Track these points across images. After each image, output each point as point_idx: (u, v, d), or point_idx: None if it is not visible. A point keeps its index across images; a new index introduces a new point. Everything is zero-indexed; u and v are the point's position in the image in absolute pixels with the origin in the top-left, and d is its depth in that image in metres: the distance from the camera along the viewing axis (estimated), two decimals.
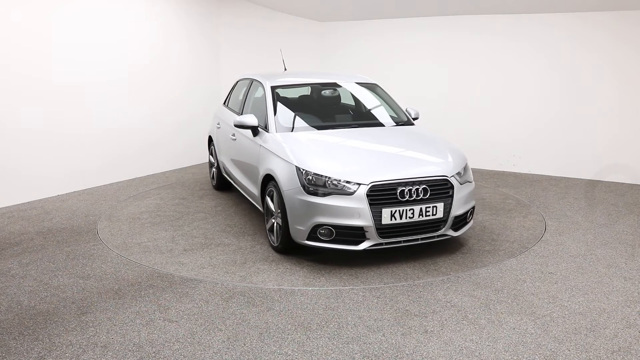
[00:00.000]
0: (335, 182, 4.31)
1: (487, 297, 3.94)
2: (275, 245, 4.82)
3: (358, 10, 9.34)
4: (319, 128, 5.35)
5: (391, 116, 5.82)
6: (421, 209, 4.36)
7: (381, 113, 5.91)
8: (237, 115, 6.07)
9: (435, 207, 4.42)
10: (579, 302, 3.86)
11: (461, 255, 4.78)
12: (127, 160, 7.85)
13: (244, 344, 3.27)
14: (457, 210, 4.56)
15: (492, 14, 8.50)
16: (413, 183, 4.36)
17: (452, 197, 4.50)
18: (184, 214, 6.19)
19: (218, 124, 6.94)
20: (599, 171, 7.92)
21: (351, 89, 6.20)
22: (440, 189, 4.47)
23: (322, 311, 3.71)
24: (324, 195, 4.31)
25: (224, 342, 3.30)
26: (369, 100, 6.15)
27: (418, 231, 4.46)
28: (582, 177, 8.04)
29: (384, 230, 4.33)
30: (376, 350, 3.20)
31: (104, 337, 3.35)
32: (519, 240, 5.15)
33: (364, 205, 4.24)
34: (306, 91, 6.26)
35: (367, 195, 4.25)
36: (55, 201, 6.58)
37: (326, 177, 4.34)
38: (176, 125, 8.67)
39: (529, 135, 8.48)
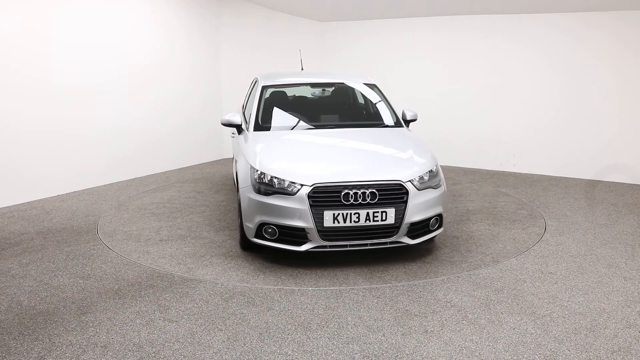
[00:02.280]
0: (281, 181, 4.30)
1: (487, 297, 3.94)
2: (239, 241, 4.92)
3: (358, 10, 9.34)
4: (299, 128, 5.38)
5: (380, 117, 5.72)
6: (368, 213, 4.20)
7: (369, 114, 5.86)
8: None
9: (385, 212, 4.24)
10: (579, 302, 3.86)
11: (421, 263, 4.57)
12: (127, 160, 7.85)
13: (244, 344, 3.27)
14: (412, 217, 4.33)
15: (492, 14, 8.50)
16: (360, 186, 4.21)
17: (407, 203, 4.30)
18: (188, 206, 6.35)
19: None
20: (599, 171, 7.93)
21: (346, 90, 6.17)
22: (392, 193, 4.28)
23: (322, 311, 3.71)
24: (269, 194, 4.32)
25: (224, 342, 3.30)
26: (361, 101, 6.11)
27: (367, 236, 4.32)
28: (582, 177, 8.04)
29: (327, 233, 4.24)
30: (376, 350, 3.20)
31: (104, 337, 3.35)
32: (495, 254, 4.80)
33: (304, 207, 4.19)
34: (301, 91, 6.29)
35: (309, 197, 4.18)
36: (55, 201, 6.58)
37: (274, 176, 4.34)
38: (176, 125, 8.67)
39: (529, 135, 8.48)
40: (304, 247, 4.30)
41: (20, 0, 6.25)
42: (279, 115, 5.62)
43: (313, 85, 6.22)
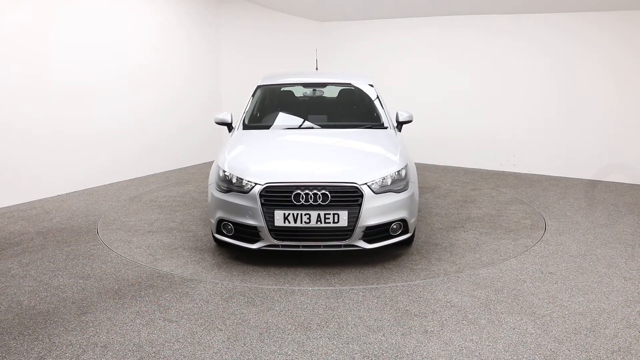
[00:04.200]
0: (239, 180, 4.38)
1: (487, 297, 3.94)
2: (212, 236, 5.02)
3: (358, 10, 9.34)
4: (281, 128, 5.46)
5: (368, 119, 5.65)
6: (319, 214, 4.17)
7: (357, 115, 5.82)
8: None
9: (337, 214, 4.18)
10: (579, 302, 3.86)
11: (380, 268, 4.46)
12: (127, 160, 7.85)
13: (244, 344, 3.27)
14: (367, 220, 4.23)
15: (492, 13, 8.51)
16: (312, 187, 4.18)
17: (361, 206, 4.24)
18: (196, 200, 6.55)
19: None
20: (598, 171, 7.93)
21: (339, 90, 6.19)
22: (345, 196, 4.22)
23: (322, 311, 3.71)
24: (228, 191, 4.43)
25: (224, 342, 3.30)
26: (352, 101, 6.10)
27: (321, 238, 4.28)
28: (582, 177, 8.04)
29: (278, 232, 4.26)
30: (376, 350, 3.20)
31: (104, 337, 3.35)
32: (464, 265, 4.55)
33: (256, 205, 4.24)
34: (298, 91, 6.31)
35: (261, 196, 4.22)
36: (55, 201, 6.58)
37: (232, 174, 4.44)
38: (176, 125, 8.68)
39: (529, 135, 8.49)
40: (255, 245, 4.37)
41: (20, 0, 6.25)
42: (265, 116, 5.74)
43: (305, 85, 6.21)
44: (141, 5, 7.86)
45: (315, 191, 4.18)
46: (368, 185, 4.27)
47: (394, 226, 4.43)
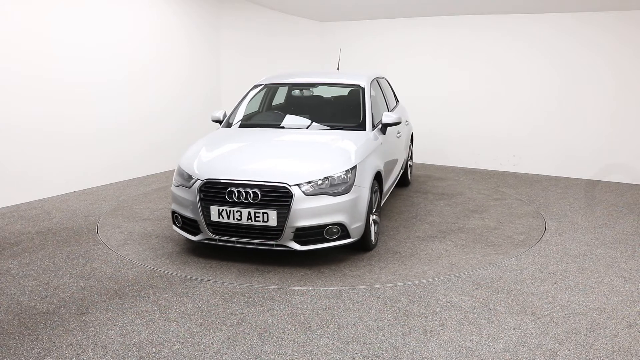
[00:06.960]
0: (187, 175, 4.61)
1: (487, 297, 3.94)
2: None
3: (358, 10, 9.34)
4: (262, 126, 5.65)
5: (348, 120, 5.51)
6: (249, 213, 4.27)
7: (337, 116, 5.73)
8: None
9: (267, 214, 4.25)
10: (579, 302, 3.86)
11: (315, 272, 4.36)
12: (127, 160, 7.85)
13: (244, 344, 3.27)
14: (297, 221, 4.22)
15: (493, 13, 8.50)
16: (245, 186, 4.30)
17: (290, 206, 4.23)
18: None
19: None
20: (599, 171, 7.93)
21: (330, 91, 6.20)
22: (275, 196, 4.26)
23: (322, 311, 3.71)
24: (179, 185, 4.70)
25: (224, 342, 3.30)
26: (338, 102, 6.07)
27: (254, 235, 4.36)
28: (582, 177, 8.04)
29: (215, 227, 4.44)
30: (376, 350, 3.20)
31: (104, 337, 3.35)
32: (405, 276, 4.29)
33: (195, 200, 4.46)
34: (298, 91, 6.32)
35: (200, 191, 4.43)
36: (55, 201, 6.58)
37: (183, 170, 4.69)
38: (176, 125, 8.67)
39: (529, 136, 8.49)
40: (196, 238, 4.60)
41: (20, 0, 6.25)
42: (247, 115, 5.88)
43: (293, 85, 6.18)
44: (141, 5, 7.85)
45: (247, 189, 4.31)
46: (299, 186, 4.27)
47: (334, 229, 4.36)
